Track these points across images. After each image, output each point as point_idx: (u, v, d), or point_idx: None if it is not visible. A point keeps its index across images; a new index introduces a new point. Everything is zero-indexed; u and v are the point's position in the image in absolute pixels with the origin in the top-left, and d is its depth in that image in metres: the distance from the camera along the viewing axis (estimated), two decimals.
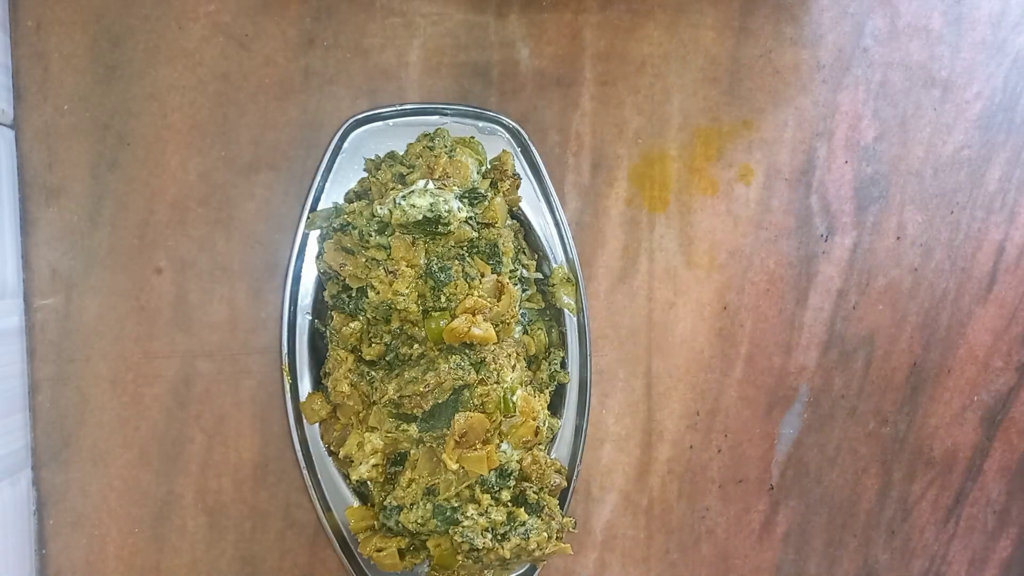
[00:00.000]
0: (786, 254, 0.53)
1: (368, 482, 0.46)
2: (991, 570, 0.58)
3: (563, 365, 0.49)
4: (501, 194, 0.45)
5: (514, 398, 0.43)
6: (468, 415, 0.42)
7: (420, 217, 0.42)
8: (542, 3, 0.49)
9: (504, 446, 0.44)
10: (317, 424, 0.47)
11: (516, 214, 0.48)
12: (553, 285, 0.49)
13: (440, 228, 0.42)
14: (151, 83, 0.47)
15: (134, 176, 0.47)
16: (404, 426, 0.44)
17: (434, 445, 0.43)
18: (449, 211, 0.42)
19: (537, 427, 0.44)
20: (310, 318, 0.47)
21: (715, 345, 0.53)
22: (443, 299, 0.42)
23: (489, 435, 0.42)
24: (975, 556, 0.57)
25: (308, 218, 0.46)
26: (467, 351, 0.43)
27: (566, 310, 0.49)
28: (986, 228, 0.54)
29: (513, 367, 0.45)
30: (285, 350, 0.47)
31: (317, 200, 0.47)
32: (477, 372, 0.43)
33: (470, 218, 0.43)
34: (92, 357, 0.47)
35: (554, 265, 0.49)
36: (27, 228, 0.46)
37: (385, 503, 0.45)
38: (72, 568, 0.48)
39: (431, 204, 0.42)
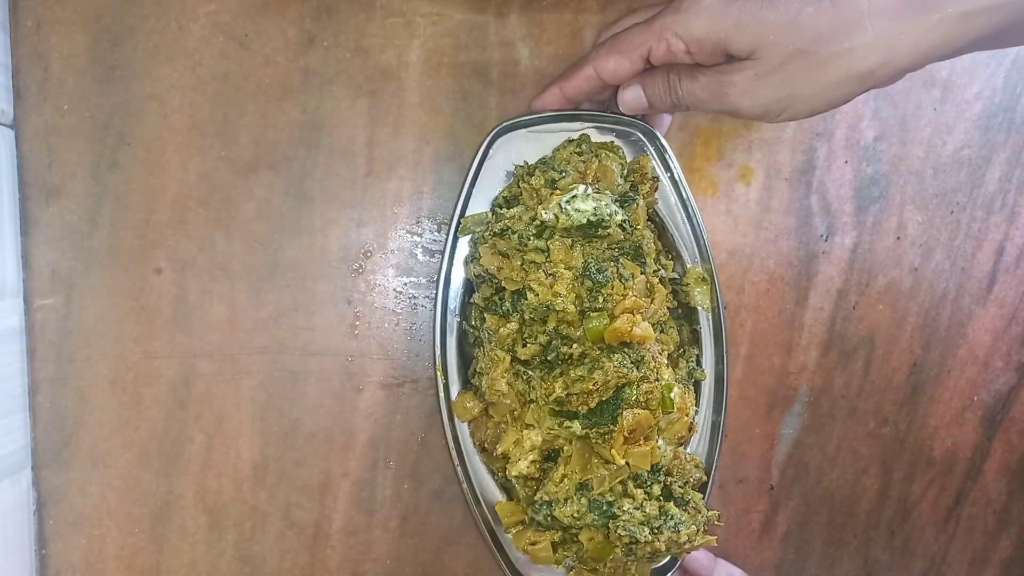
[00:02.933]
0: (786, 254, 0.53)
1: (513, 479, 0.47)
2: (991, 570, 0.58)
3: (698, 362, 0.50)
4: (642, 196, 0.46)
5: (672, 395, 0.44)
6: (636, 412, 0.43)
7: (584, 221, 0.43)
8: (542, 3, 0.49)
9: (659, 442, 0.45)
10: (468, 423, 0.49)
11: (650, 215, 0.49)
12: (687, 284, 0.50)
13: (599, 231, 0.43)
14: (151, 83, 0.47)
15: (134, 176, 0.47)
16: (567, 423, 0.45)
17: (599, 441, 0.44)
18: (610, 214, 0.43)
19: (691, 423, 0.46)
20: (458, 319, 0.48)
21: None
22: (600, 299, 0.43)
23: (651, 431, 0.44)
24: (975, 556, 0.57)
25: (460, 223, 0.47)
26: (626, 350, 0.44)
27: (700, 308, 0.50)
28: (986, 228, 0.54)
29: (667, 365, 0.46)
30: (438, 351, 0.48)
31: (466, 206, 0.48)
32: (638, 370, 0.43)
33: (624, 221, 0.44)
34: (92, 357, 0.47)
35: (688, 265, 0.50)
36: (27, 228, 0.46)
37: (535, 498, 0.46)
38: (72, 568, 0.48)
39: (594, 208, 0.43)
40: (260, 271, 0.48)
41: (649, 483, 0.45)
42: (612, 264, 0.44)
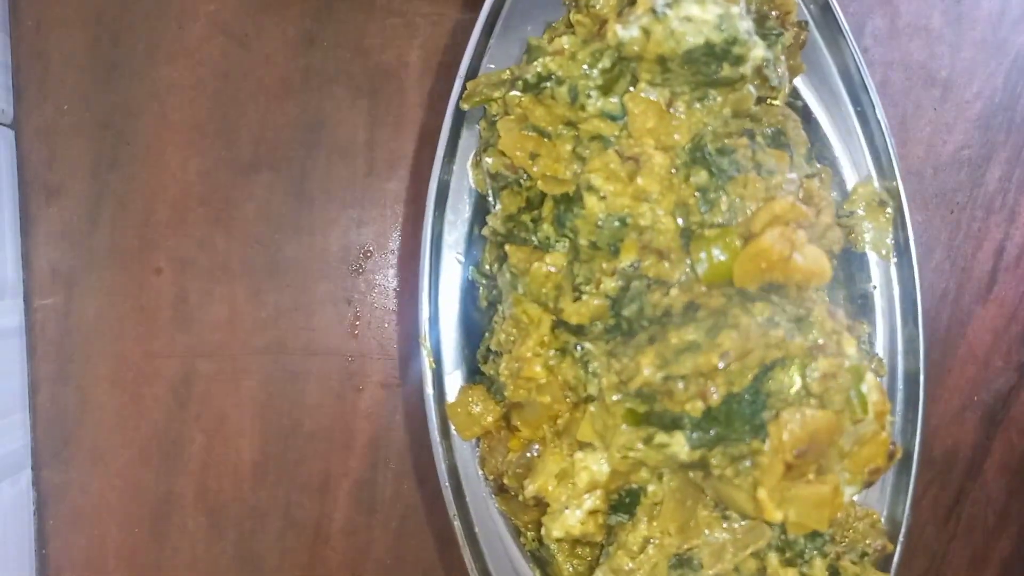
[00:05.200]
0: None
1: (554, 544, 0.27)
2: (991, 569, 0.58)
3: (871, 347, 0.31)
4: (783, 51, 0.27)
5: (864, 388, 0.24)
6: (808, 413, 0.22)
7: (701, 42, 0.23)
8: None
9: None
10: (474, 441, 0.29)
11: (790, 102, 0.30)
12: (850, 214, 0.31)
13: (726, 71, 0.23)
14: (151, 82, 0.47)
15: (134, 175, 0.47)
16: (661, 437, 0.24)
17: (729, 473, 0.23)
18: (748, 38, 0.23)
19: (894, 445, 0.26)
20: (460, 259, 0.30)
21: None
22: (723, 207, 0.24)
23: (829, 454, 0.23)
24: (975, 555, 0.57)
25: (465, 88, 0.29)
26: (776, 298, 0.23)
27: (873, 255, 0.31)
28: (986, 228, 0.54)
29: (848, 332, 0.25)
30: (425, 312, 0.30)
31: (476, 68, 0.30)
32: (801, 334, 0.23)
33: (767, 62, 0.24)
34: (92, 356, 0.47)
35: (853, 181, 0.30)
36: (27, 227, 0.46)
37: None
38: (72, 567, 0.48)
39: (719, 18, 0.23)
40: (260, 271, 0.48)
41: (807, 556, 0.26)
42: (745, 141, 0.25)
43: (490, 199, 0.29)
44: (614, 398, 0.24)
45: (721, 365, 0.22)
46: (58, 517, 0.48)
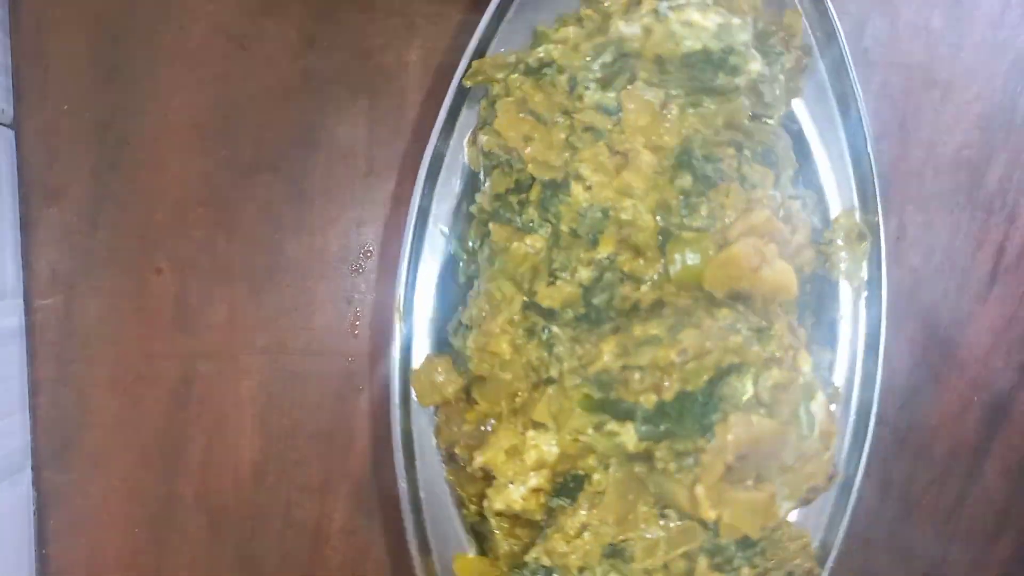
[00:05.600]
0: None
1: (494, 517, 0.28)
2: (991, 570, 0.58)
3: (831, 376, 0.32)
4: (781, 72, 0.29)
5: (813, 406, 0.25)
6: (754, 419, 0.23)
7: (699, 47, 0.24)
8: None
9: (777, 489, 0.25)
10: (432, 409, 0.30)
11: (785, 124, 0.30)
12: (829, 242, 0.32)
13: (721, 79, 0.24)
14: (151, 83, 0.47)
15: (134, 176, 0.47)
16: (612, 425, 0.25)
17: (671, 468, 0.24)
18: (746, 48, 0.25)
19: (835, 464, 0.27)
20: (445, 232, 0.31)
21: None
22: (703, 213, 0.25)
23: (770, 464, 0.24)
24: (976, 556, 0.57)
25: (470, 68, 0.30)
26: (741, 307, 0.24)
27: (846, 286, 0.33)
28: (986, 228, 0.54)
29: (807, 351, 0.26)
30: (403, 278, 0.31)
31: (484, 49, 0.30)
32: (760, 344, 0.24)
33: (763, 76, 0.26)
34: (92, 358, 0.47)
35: (834, 212, 0.31)
36: (27, 228, 0.46)
37: (527, 558, 0.27)
38: (72, 568, 0.48)
39: (719, 27, 0.24)
40: (260, 271, 0.48)
41: (736, 563, 0.27)
42: (732, 151, 0.26)
43: (482, 177, 0.30)
44: (573, 382, 0.25)
45: (678, 360, 0.23)
46: (59, 518, 0.48)
